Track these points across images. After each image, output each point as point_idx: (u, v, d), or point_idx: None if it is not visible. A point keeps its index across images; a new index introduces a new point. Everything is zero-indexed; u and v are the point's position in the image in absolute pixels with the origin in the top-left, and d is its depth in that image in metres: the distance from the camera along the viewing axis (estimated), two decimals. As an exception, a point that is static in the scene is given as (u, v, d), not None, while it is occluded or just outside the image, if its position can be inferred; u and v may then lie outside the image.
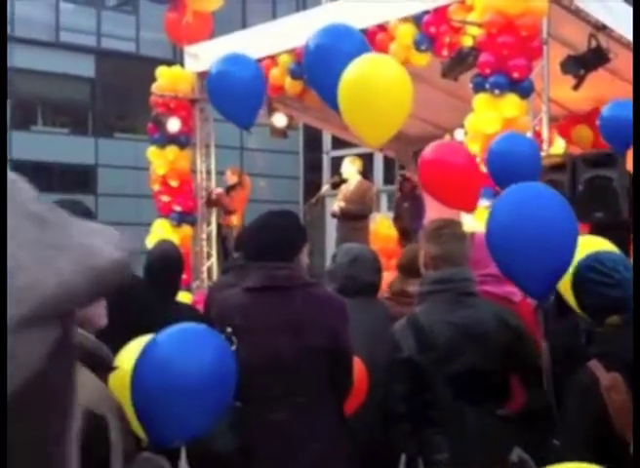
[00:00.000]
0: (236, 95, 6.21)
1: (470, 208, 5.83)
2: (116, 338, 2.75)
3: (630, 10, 6.85)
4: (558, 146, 9.36)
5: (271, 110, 10.23)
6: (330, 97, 5.05)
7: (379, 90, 4.52)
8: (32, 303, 0.46)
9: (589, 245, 3.60)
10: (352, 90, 4.56)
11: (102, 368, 2.09)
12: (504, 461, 2.99)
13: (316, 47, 5.10)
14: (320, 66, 5.07)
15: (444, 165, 5.43)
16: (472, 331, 3.17)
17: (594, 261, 2.88)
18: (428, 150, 5.53)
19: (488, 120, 6.49)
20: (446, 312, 3.23)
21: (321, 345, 3.08)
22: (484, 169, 5.84)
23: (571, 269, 3.11)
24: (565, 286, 3.24)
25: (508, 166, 5.33)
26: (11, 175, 0.52)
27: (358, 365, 3.36)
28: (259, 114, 7.05)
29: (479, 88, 6.65)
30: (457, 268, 3.31)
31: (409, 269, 4.41)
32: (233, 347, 3.00)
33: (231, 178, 11.01)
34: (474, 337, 3.16)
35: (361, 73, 4.55)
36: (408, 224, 10.59)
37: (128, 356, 2.45)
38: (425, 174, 5.60)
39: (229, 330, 3.07)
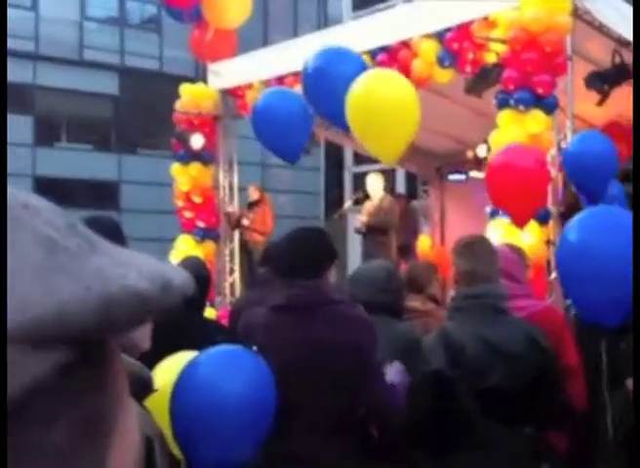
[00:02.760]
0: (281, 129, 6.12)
1: (523, 221, 5.88)
2: (144, 355, 2.76)
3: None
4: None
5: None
6: (331, 118, 5.09)
7: (385, 104, 4.50)
8: (17, 323, 0.44)
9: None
10: (360, 106, 4.56)
11: (143, 392, 2.08)
12: None
13: (315, 70, 5.08)
14: (319, 89, 5.07)
15: (513, 169, 5.49)
16: (503, 348, 3.15)
17: None
18: (498, 154, 5.62)
19: (512, 136, 6.47)
20: (478, 328, 3.22)
21: (345, 364, 3.05)
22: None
23: None
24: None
25: (584, 165, 5.41)
26: (27, 200, 0.50)
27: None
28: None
29: (503, 104, 6.64)
30: (489, 284, 3.30)
31: (409, 285, 4.41)
32: None
33: (253, 195, 11.09)
34: (504, 355, 3.14)
35: (367, 89, 4.53)
36: (403, 240, 10.61)
37: (163, 376, 2.44)
38: (493, 176, 5.63)
39: (254, 348, 3.07)
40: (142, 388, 2.11)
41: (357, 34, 8.41)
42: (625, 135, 9.36)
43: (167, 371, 2.47)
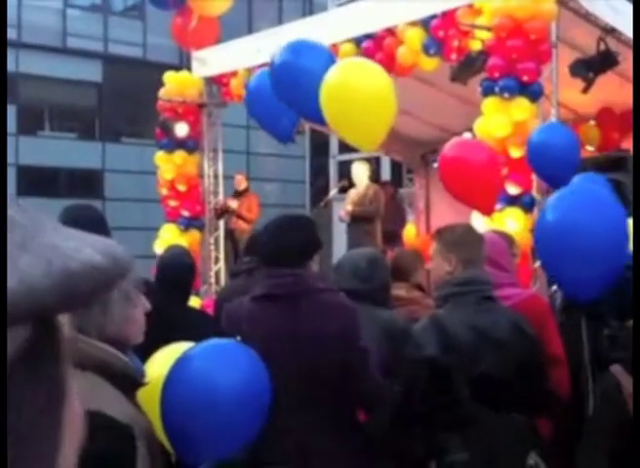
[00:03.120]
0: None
1: (488, 209, 5.86)
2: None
3: (640, 13, 6.83)
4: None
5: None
6: (300, 111, 5.08)
7: (361, 94, 4.46)
8: None
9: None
10: (335, 96, 4.52)
11: (132, 386, 2.07)
12: (522, 465, 2.97)
13: (282, 63, 5.04)
14: (287, 83, 5.04)
15: (465, 162, 5.48)
16: (491, 335, 3.16)
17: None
18: (449, 147, 5.60)
19: (497, 124, 6.47)
20: (468, 315, 3.22)
21: (328, 353, 3.03)
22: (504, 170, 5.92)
23: None
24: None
25: (548, 157, 5.43)
26: None
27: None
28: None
29: (488, 91, 6.64)
30: (478, 272, 3.30)
31: (394, 273, 4.40)
32: None
33: (241, 184, 11.07)
34: (493, 342, 3.15)
35: (342, 79, 4.51)
36: (390, 227, 10.62)
37: (154, 370, 2.41)
38: (446, 171, 5.63)
39: (238, 338, 3.05)
40: (130, 382, 2.09)
41: (342, 22, 8.39)
42: (618, 121, 9.41)
43: (159, 365, 2.45)
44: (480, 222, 6.04)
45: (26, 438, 0.49)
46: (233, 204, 10.70)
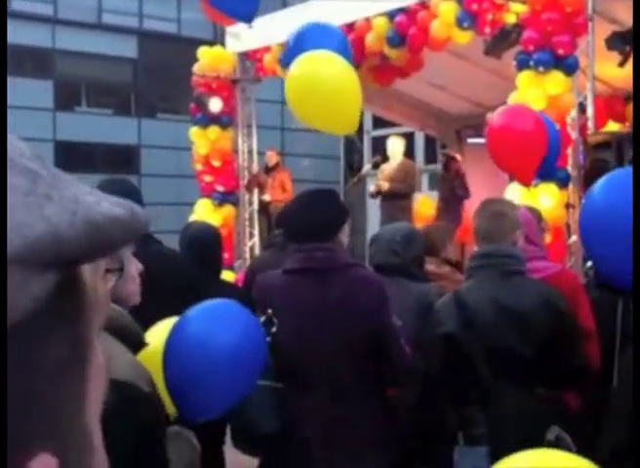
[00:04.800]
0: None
1: (527, 180, 5.84)
2: (161, 316, 2.79)
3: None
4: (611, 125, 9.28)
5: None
6: None
7: (324, 86, 4.55)
8: (18, 247, 0.46)
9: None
10: (299, 88, 4.61)
11: (134, 344, 2.14)
12: (540, 440, 2.97)
13: (296, 45, 5.10)
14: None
15: (512, 130, 5.48)
16: (514, 310, 3.15)
17: None
18: (497, 115, 5.61)
19: (532, 97, 6.41)
20: (490, 290, 3.21)
21: (357, 327, 3.05)
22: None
23: None
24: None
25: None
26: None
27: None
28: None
29: (523, 65, 6.58)
30: (497, 245, 3.30)
31: (424, 248, 4.40)
32: (274, 329, 3.02)
33: (271, 160, 11.07)
34: (515, 317, 3.14)
35: (305, 72, 4.58)
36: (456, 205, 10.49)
37: (158, 333, 2.51)
38: (493, 138, 5.62)
39: (270, 311, 3.08)
40: (132, 340, 2.16)
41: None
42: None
43: (161, 329, 2.55)
44: (514, 198, 6.01)
45: (48, 394, 0.50)
46: (266, 197, 10.74)
